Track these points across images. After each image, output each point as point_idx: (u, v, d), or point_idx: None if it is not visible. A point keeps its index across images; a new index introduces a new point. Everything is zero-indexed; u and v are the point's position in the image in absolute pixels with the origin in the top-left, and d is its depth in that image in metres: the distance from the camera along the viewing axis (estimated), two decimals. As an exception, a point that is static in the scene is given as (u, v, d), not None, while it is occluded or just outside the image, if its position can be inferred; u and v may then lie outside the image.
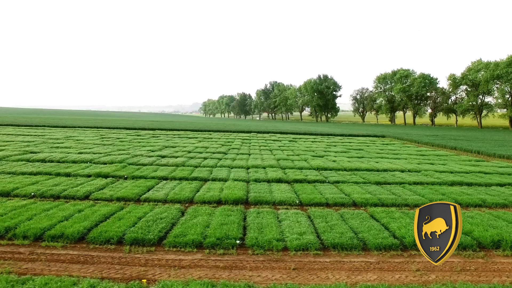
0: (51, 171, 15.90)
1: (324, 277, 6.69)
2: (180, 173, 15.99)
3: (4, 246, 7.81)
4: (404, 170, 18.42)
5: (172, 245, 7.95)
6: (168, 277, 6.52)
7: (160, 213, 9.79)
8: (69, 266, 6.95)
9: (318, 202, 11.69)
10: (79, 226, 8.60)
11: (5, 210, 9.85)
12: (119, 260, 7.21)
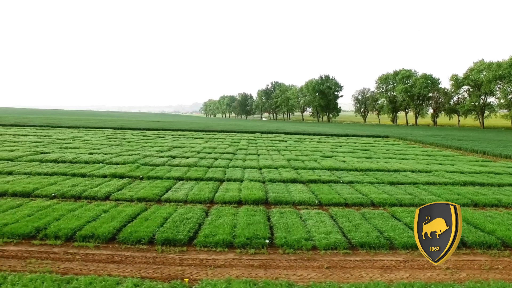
0: (66, 172, 15.99)
1: (358, 275, 6.84)
2: (195, 174, 16.11)
3: (38, 246, 7.92)
4: (415, 170, 18.60)
5: (203, 244, 8.08)
6: (205, 276, 6.65)
7: (185, 214, 9.91)
8: (106, 265, 7.08)
9: (337, 202, 11.84)
10: (108, 227, 8.72)
11: (32, 211, 9.95)
12: (154, 260, 7.34)
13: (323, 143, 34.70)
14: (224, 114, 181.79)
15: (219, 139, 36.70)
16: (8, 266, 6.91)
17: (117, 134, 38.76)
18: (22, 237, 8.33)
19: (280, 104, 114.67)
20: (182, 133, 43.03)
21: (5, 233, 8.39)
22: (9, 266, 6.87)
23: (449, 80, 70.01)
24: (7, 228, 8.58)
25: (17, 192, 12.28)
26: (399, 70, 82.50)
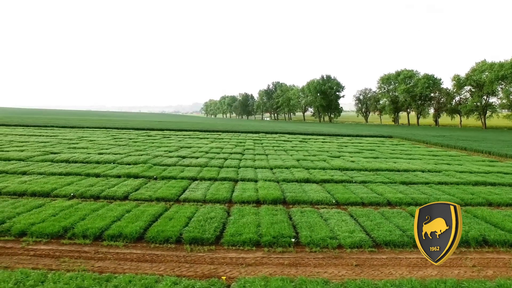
0: (80, 172, 16.07)
1: (387, 273, 6.98)
2: (208, 174, 16.22)
3: (68, 245, 8.02)
4: (424, 170, 18.77)
5: (230, 243, 8.21)
6: (239, 274, 6.77)
7: (208, 213, 10.03)
8: (139, 264, 7.19)
9: (354, 201, 11.99)
10: (135, 226, 8.82)
11: (55, 210, 10.04)
12: (185, 259, 7.45)
13: (328, 143, 34.86)
14: (225, 114, 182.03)
15: (224, 139, 36.81)
16: (43, 264, 7.02)
17: (122, 134, 38.81)
18: (51, 236, 8.43)
19: (281, 104, 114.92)
20: (187, 133, 43.11)
21: (34, 232, 8.50)
22: (45, 265, 6.98)
23: (451, 80, 70.43)
24: (35, 227, 8.68)
25: (36, 192, 12.38)
26: (401, 70, 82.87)
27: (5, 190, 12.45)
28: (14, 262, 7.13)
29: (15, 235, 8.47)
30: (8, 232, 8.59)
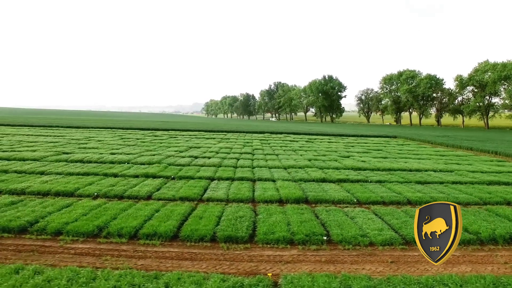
0: (98, 172, 16.18)
1: (423, 269, 7.17)
2: (225, 174, 16.37)
3: (105, 244, 8.16)
4: (436, 170, 19.00)
5: (264, 242, 8.37)
6: (280, 271, 6.94)
7: (235, 212, 10.19)
8: (181, 262, 7.34)
9: (375, 200, 12.18)
10: (168, 225, 8.96)
11: (85, 210, 10.17)
12: (224, 257, 7.61)
13: (334, 143, 35.08)
14: (226, 114, 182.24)
15: (231, 139, 36.97)
16: (87, 263, 7.15)
17: (128, 134, 38.88)
18: (86, 235, 8.56)
19: (283, 105, 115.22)
20: (192, 133, 43.23)
21: (70, 231, 8.63)
22: (88, 263, 7.12)
23: (454, 80, 70.93)
24: (70, 226, 8.81)
25: (59, 191, 12.49)
26: (403, 70, 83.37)
27: (29, 190, 12.57)
28: (57, 260, 7.27)
29: (51, 234, 8.60)
30: (44, 231, 8.71)
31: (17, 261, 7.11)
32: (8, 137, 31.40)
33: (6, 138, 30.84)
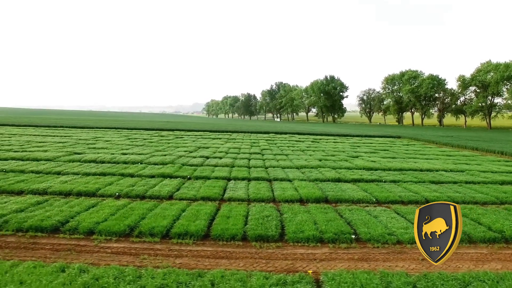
0: (114, 172, 16.30)
1: (454, 266, 7.36)
2: (240, 174, 16.53)
3: (139, 243, 8.29)
4: (447, 169, 19.22)
5: (294, 240, 8.54)
6: (316, 268, 7.10)
7: (261, 212, 10.34)
8: (218, 261, 7.49)
9: (394, 200, 12.37)
10: (197, 225, 9.10)
11: (112, 210, 10.28)
12: (258, 255, 7.77)
13: (340, 143, 35.29)
14: (227, 114, 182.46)
15: (237, 139, 37.14)
16: (126, 261, 7.29)
17: (134, 134, 38.96)
18: (118, 234, 8.69)
19: (285, 105, 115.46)
20: (197, 133, 43.35)
21: (102, 231, 8.75)
22: (128, 262, 7.25)
23: (456, 81, 71.39)
24: (101, 226, 8.94)
25: (81, 191, 12.61)
26: (406, 70, 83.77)
27: (51, 190, 12.68)
28: (96, 259, 7.40)
29: (84, 233, 8.72)
30: (76, 230, 8.84)
31: (57, 260, 7.24)
32: (15, 137, 31.44)
33: (14, 138, 30.89)
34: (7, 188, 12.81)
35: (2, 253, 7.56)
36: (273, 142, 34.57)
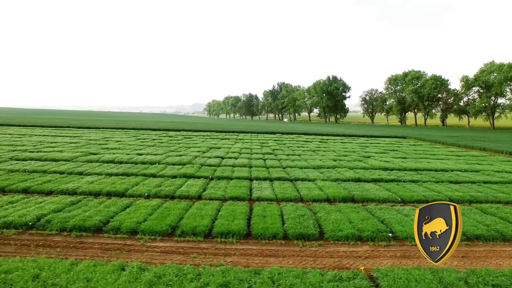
0: (135, 172, 16.43)
1: (495, 263, 7.62)
2: (260, 174, 16.73)
3: (183, 243, 8.48)
4: (461, 170, 19.53)
5: (334, 238, 8.77)
6: (363, 266, 7.33)
7: (295, 211, 10.56)
8: (266, 259, 7.70)
9: (418, 199, 12.63)
10: (238, 224, 9.29)
11: (148, 210, 10.44)
12: (304, 253, 7.99)
13: (348, 143, 35.57)
14: (229, 114, 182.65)
15: (245, 139, 37.36)
16: (178, 260, 7.48)
17: (142, 134, 39.04)
18: (161, 234, 8.88)
19: (287, 105, 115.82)
20: (204, 133, 43.49)
21: (145, 230, 8.93)
22: (181, 260, 7.44)
23: (460, 81, 71.92)
24: (143, 226, 9.11)
25: (111, 192, 12.78)
26: (409, 71, 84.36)
27: (80, 190, 12.82)
28: (148, 258, 7.57)
29: (127, 233, 8.88)
30: (119, 230, 9.01)
31: (110, 258, 7.43)
32: (25, 138, 31.48)
33: (25, 138, 30.92)
34: (36, 188, 12.95)
35: (55, 252, 7.74)
36: (282, 143, 34.79)
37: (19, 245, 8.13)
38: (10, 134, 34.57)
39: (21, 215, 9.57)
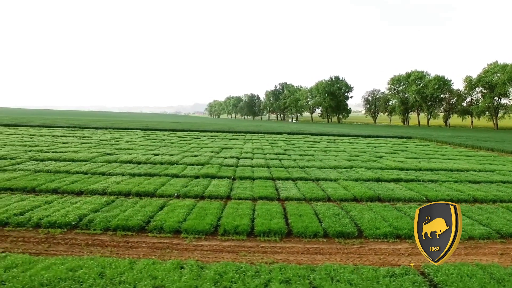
0: (158, 173, 16.59)
1: (534, 261, 7.88)
2: (281, 174, 16.95)
3: (228, 241, 8.68)
4: (475, 169, 19.85)
5: (373, 236, 9.02)
6: (408, 262, 7.57)
7: (328, 210, 10.80)
8: (313, 256, 7.93)
9: (443, 198, 12.88)
10: (277, 223, 9.51)
11: (185, 210, 10.61)
12: (348, 251, 8.24)
13: (356, 144, 35.86)
14: (230, 115, 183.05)
15: (254, 140, 37.57)
16: (229, 258, 7.68)
17: (150, 135, 39.11)
18: (204, 233, 9.08)
19: (289, 105, 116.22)
20: (212, 134, 43.63)
21: (187, 230, 9.13)
22: (233, 259, 7.63)
23: (463, 81, 72.56)
24: (185, 225, 9.31)
25: (140, 192, 12.95)
26: (411, 71, 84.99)
27: (109, 191, 12.98)
28: (199, 256, 7.74)
29: (170, 232, 9.07)
30: (162, 229, 9.19)
31: (164, 257, 7.62)
32: (36, 138, 31.49)
33: (36, 139, 30.92)
34: (66, 188, 13.10)
35: (107, 251, 7.92)
36: (291, 143, 35.02)
37: (69, 244, 8.30)
38: (20, 134, 34.56)
39: (63, 215, 9.75)
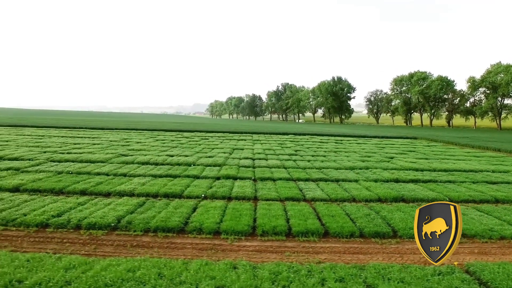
0: (178, 174, 16.74)
1: None
2: (300, 175, 17.14)
3: (269, 242, 8.86)
4: (489, 170, 20.14)
5: (408, 236, 9.23)
6: (448, 262, 7.78)
7: (358, 210, 11.03)
8: (356, 256, 8.14)
9: (466, 199, 13.18)
10: (313, 223, 9.73)
11: (217, 211, 10.76)
12: (387, 250, 8.48)
13: (363, 144, 36.13)
14: (231, 115, 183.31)
15: (262, 140, 37.79)
16: (275, 258, 7.87)
17: (158, 135, 39.20)
18: (243, 234, 9.26)
19: (291, 105, 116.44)
20: (219, 134, 43.77)
21: (227, 231, 9.30)
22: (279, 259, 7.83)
23: (466, 82, 72.97)
24: (223, 226, 9.49)
25: (168, 193, 13.10)
26: (414, 72, 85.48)
27: (137, 192, 13.10)
28: (245, 257, 7.90)
29: (210, 233, 9.24)
30: (201, 230, 9.35)
31: (212, 257, 7.78)
32: (46, 139, 31.47)
33: (46, 139, 30.89)
34: (93, 190, 13.22)
35: (154, 253, 8.06)
36: (299, 144, 35.23)
37: (114, 245, 8.45)
38: (29, 135, 34.52)
39: (101, 217, 9.89)
